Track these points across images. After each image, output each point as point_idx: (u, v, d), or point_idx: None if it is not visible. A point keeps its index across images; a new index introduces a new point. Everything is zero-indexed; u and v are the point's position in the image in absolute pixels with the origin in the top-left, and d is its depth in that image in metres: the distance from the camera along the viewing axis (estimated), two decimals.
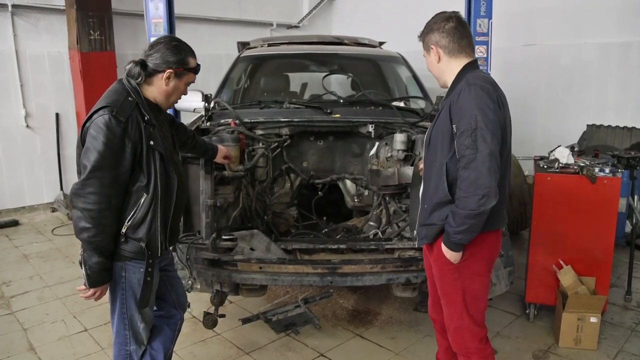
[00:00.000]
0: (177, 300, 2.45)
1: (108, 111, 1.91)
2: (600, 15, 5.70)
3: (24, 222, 5.91)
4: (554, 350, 3.17)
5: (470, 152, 1.90)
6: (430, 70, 2.22)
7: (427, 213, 2.12)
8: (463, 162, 1.92)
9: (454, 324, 2.21)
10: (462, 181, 1.93)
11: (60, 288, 4.11)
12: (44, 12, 5.97)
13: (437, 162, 2.07)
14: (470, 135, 1.90)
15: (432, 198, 2.09)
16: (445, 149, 2.03)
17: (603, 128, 5.56)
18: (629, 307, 3.73)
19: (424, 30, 2.16)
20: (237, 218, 3.14)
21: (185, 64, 2.11)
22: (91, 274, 2.00)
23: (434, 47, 2.12)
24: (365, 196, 3.59)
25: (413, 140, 3.31)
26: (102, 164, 1.89)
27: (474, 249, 2.08)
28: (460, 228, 1.96)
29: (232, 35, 7.07)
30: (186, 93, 2.23)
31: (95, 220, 1.90)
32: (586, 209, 3.22)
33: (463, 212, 1.93)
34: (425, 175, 2.18)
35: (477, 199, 1.89)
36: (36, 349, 3.22)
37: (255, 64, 4.78)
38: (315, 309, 3.51)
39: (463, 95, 1.96)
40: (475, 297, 2.17)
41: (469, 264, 2.10)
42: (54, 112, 6.20)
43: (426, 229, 2.15)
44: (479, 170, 1.88)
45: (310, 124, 3.44)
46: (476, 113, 1.91)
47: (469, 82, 1.98)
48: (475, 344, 2.19)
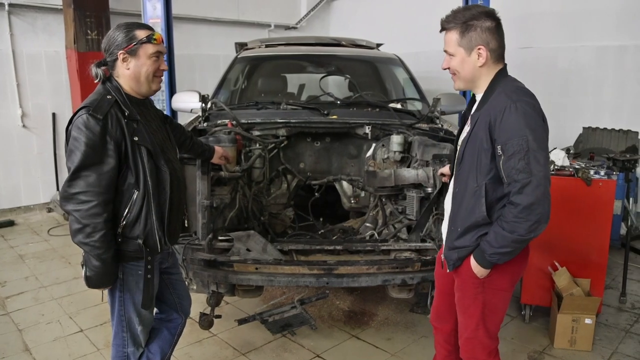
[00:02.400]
0: (179, 304, 2.44)
1: (85, 111, 1.90)
2: (596, 19, 5.72)
3: (19, 223, 5.89)
4: (549, 352, 3.18)
5: (524, 177, 1.75)
6: (460, 70, 1.95)
7: (458, 235, 1.98)
8: (516, 187, 1.76)
9: (467, 334, 2.12)
10: (515, 206, 1.77)
11: (56, 289, 4.10)
12: (41, 12, 5.95)
13: (472, 182, 1.91)
14: (523, 158, 1.74)
15: (466, 220, 1.94)
16: (484, 169, 1.86)
17: (599, 131, 5.58)
18: (624, 309, 3.75)
19: (463, 24, 1.88)
20: (234, 219, 3.14)
21: (133, 38, 1.99)
22: (90, 276, 1.98)
23: (483, 49, 1.88)
24: (362, 197, 3.59)
25: (409, 142, 3.32)
26: (85, 163, 1.88)
27: (503, 264, 1.94)
28: (502, 250, 1.84)
29: (229, 36, 7.08)
30: (163, 67, 2.09)
31: (86, 219, 1.88)
32: (581, 211, 3.24)
33: (510, 236, 1.79)
34: (456, 195, 2.03)
35: (529, 225, 1.77)
36: (31, 350, 3.21)
37: (253, 64, 4.79)
38: (311, 310, 3.51)
39: (509, 114, 1.77)
40: (494, 311, 2.06)
41: (494, 279, 1.98)
42: (50, 112, 6.18)
43: (458, 252, 2.00)
44: (534, 195, 1.75)
45: (307, 125, 3.44)
46: (527, 133, 1.75)
47: (512, 99, 1.80)
48: (484, 356, 2.12)
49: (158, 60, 2.07)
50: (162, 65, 2.10)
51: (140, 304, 2.11)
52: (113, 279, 2.04)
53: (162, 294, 2.34)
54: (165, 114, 2.45)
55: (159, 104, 5.10)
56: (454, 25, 1.90)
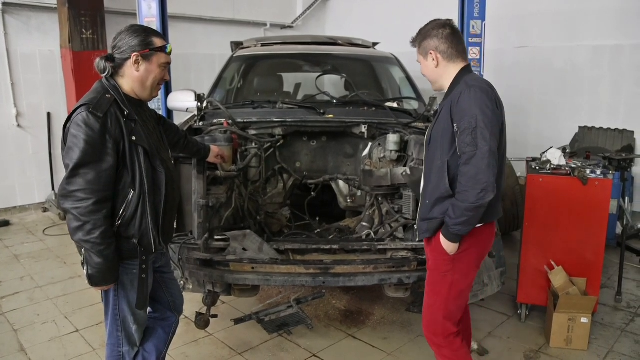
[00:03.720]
0: (173, 303, 2.44)
1: (85, 108, 1.90)
2: (593, 19, 5.74)
3: (15, 222, 5.86)
4: (545, 351, 3.19)
5: (470, 149, 2.01)
6: (426, 74, 2.31)
7: (429, 208, 2.22)
8: (464, 159, 2.03)
9: (430, 315, 2.32)
10: (463, 176, 2.04)
11: (51, 289, 4.08)
12: (36, 11, 5.93)
13: (437, 160, 2.17)
14: (471, 133, 2.01)
15: (434, 193, 2.18)
16: (446, 147, 2.13)
17: (595, 130, 5.61)
18: (619, 308, 3.76)
19: (420, 37, 2.26)
20: (230, 218, 3.14)
21: (150, 44, 2.04)
22: (92, 274, 1.96)
23: (433, 52, 2.21)
24: (358, 197, 3.59)
25: (406, 141, 3.31)
26: (84, 160, 1.87)
27: (470, 242, 2.18)
28: (460, 220, 2.06)
29: (225, 35, 7.06)
30: (166, 78, 2.15)
31: (85, 216, 1.87)
32: (577, 210, 3.24)
33: (463, 205, 2.04)
34: (426, 173, 2.28)
35: (476, 193, 2.00)
36: (27, 350, 3.20)
37: (249, 63, 4.78)
38: (307, 310, 3.50)
39: (464, 96, 2.07)
40: (459, 293, 2.28)
41: (462, 257, 2.20)
42: (45, 111, 6.16)
43: (427, 223, 2.23)
44: (478, 166, 2.00)
45: (303, 124, 3.44)
46: (476, 113, 2.02)
47: (469, 84, 2.10)
48: (442, 338, 2.30)
49: (164, 70, 2.12)
50: (166, 76, 2.15)
51: (134, 303, 2.11)
52: (116, 275, 2.02)
53: (155, 293, 2.34)
54: (159, 114, 2.45)
55: (155, 103, 5.08)
56: (415, 41, 2.29)
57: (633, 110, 5.53)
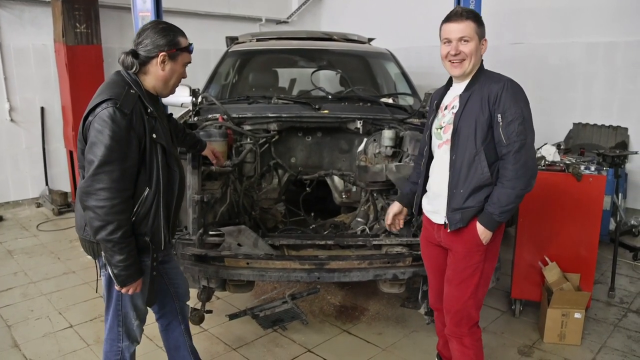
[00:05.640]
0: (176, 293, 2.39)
1: (112, 104, 1.86)
2: (587, 15, 5.75)
3: (8, 218, 5.83)
4: (539, 346, 3.20)
5: (522, 138, 2.08)
6: (473, 55, 2.19)
7: (463, 198, 2.19)
8: (514, 147, 2.08)
9: (458, 306, 2.30)
10: (514, 163, 2.08)
11: (45, 284, 4.06)
12: (29, 4, 5.87)
13: (471, 149, 2.16)
14: (522, 123, 2.09)
15: (470, 182, 2.17)
16: (481, 136, 2.14)
17: (589, 126, 5.63)
18: (612, 304, 3.78)
19: (479, 18, 2.23)
20: (225, 214, 3.13)
21: (177, 44, 2.05)
22: (118, 274, 1.94)
23: (485, 42, 2.24)
24: (353, 192, 3.59)
25: (401, 137, 3.31)
26: (110, 158, 1.84)
27: (497, 230, 2.23)
28: (509, 207, 2.11)
29: (220, 30, 7.01)
30: (185, 76, 2.17)
31: (110, 216, 1.85)
32: (572, 207, 3.26)
33: (514, 191, 2.09)
34: (456, 162, 2.21)
35: (527, 179, 2.10)
36: (20, 346, 3.18)
37: (244, 59, 4.76)
38: (302, 305, 3.51)
39: (506, 90, 2.12)
40: (486, 281, 2.32)
41: (490, 247, 2.25)
42: (39, 106, 6.12)
43: (461, 213, 2.20)
44: (529, 154, 2.11)
45: (298, 119, 3.43)
46: (522, 105, 2.12)
47: (507, 78, 2.18)
48: (467, 328, 2.32)
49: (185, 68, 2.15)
50: (184, 73, 2.17)
51: (140, 299, 2.10)
52: (140, 271, 2.01)
53: (159, 294, 2.32)
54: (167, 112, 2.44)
55: None
56: (473, 16, 2.20)
57: (627, 107, 5.56)
